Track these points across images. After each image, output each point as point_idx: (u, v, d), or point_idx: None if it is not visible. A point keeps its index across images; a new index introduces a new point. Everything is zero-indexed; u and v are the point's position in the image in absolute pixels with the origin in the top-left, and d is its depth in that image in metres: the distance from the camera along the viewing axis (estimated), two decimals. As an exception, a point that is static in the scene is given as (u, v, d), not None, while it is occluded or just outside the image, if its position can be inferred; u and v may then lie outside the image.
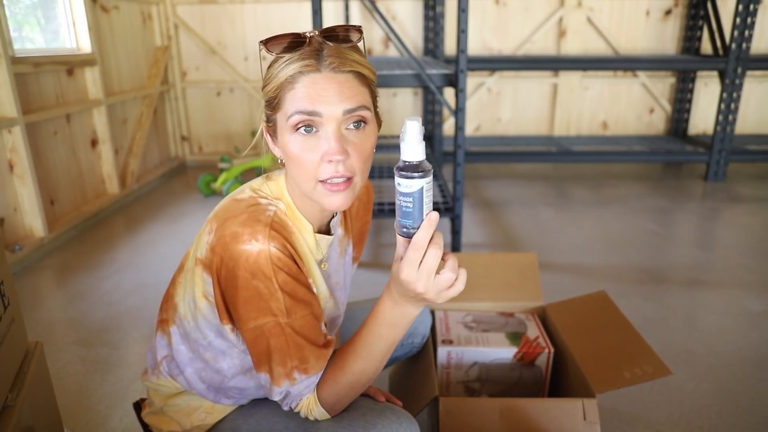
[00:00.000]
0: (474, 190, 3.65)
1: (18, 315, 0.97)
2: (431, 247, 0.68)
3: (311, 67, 0.71)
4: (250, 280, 0.73)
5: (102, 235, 2.86)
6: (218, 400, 0.91)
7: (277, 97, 0.74)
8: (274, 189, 0.82)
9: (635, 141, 4.21)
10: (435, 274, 0.69)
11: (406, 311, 0.75)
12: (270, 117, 0.77)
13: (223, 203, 0.80)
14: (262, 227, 0.73)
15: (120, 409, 1.49)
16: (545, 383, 1.37)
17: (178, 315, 0.87)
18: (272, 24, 4.10)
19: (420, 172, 0.65)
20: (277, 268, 0.73)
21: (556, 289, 2.12)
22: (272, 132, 0.78)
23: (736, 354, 1.73)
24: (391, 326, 0.76)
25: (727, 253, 2.54)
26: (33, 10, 2.85)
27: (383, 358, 0.79)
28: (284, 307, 0.74)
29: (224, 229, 0.74)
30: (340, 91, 0.71)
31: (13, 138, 2.38)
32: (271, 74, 0.74)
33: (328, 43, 0.72)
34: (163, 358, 0.91)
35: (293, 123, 0.72)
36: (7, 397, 0.86)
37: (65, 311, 2.06)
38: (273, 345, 0.75)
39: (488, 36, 4.19)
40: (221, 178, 3.43)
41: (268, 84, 0.75)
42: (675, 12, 4.15)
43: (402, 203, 0.68)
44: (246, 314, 0.75)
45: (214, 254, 0.75)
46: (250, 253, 0.72)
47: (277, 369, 0.76)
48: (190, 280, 0.82)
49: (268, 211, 0.76)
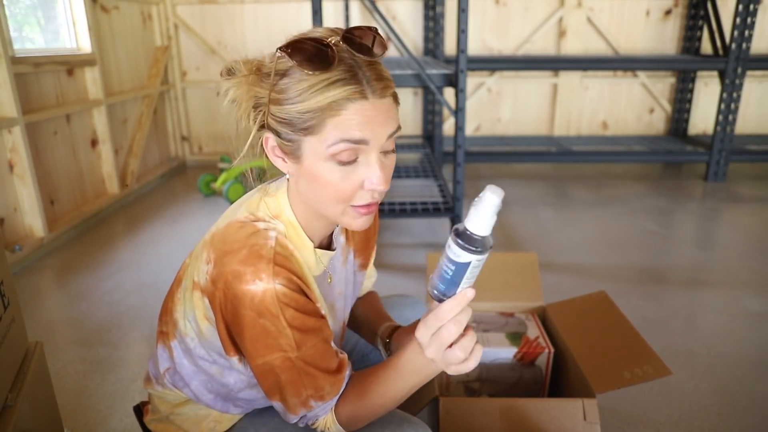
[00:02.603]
0: (474, 190, 3.63)
1: (18, 315, 0.97)
2: (452, 323, 0.65)
3: (359, 94, 0.66)
4: (256, 319, 0.70)
5: (102, 235, 2.86)
6: (226, 409, 0.89)
7: (313, 120, 0.67)
8: (273, 207, 0.78)
9: (635, 141, 4.21)
10: (447, 347, 0.67)
11: (431, 363, 0.72)
12: (290, 137, 0.70)
13: (220, 227, 0.76)
14: (264, 265, 0.70)
15: (120, 409, 1.49)
16: (545, 383, 1.37)
17: (178, 331, 0.84)
18: (272, 24, 4.10)
19: (477, 247, 0.61)
20: (284, 305, 0.70)
21: (556, 289, 2.12)
22: (288, 151, 0.72)
23: (735, 354, 1.73)
24: (414, 372, 0.74)
25: (727, 253, 2.54)
26: (33, 10, 2.85)
27: (404, 396, 0.77)
28: (294, 342, 0.72)
29: (224, 265, 0.71)
30: (386, 117, 0.69)
31: (13, 138, 2.38)
32: (300, 93, 0.67)
33: (359, 56, 0.68)
34: (166, 370, 0.88)
35: (335, 151, 0.68)
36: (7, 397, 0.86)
37: (65, 311, 2.05)
38: (285, 380, 0.73)
39: (488, 36, 4.19)
40: (221, 178, 3.43)
41: (296, 103, 0.67)
42: (675, 12, 4.15)
43: (444, 267, 0.64)
44: (254, 351, 0.72)
45: (215, 288, 0.72)
46: (255, 293, 0.69)
47: (292, 400, 0.75)
48: (189, 299, 0.79)
49: (269, 241, 0.72)
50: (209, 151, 4.42)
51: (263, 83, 0.71)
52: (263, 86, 0.70)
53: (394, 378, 0.75)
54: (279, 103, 0.69)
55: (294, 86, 0.67)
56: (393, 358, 0.76)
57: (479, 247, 0.61)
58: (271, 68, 0.70)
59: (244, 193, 3.28)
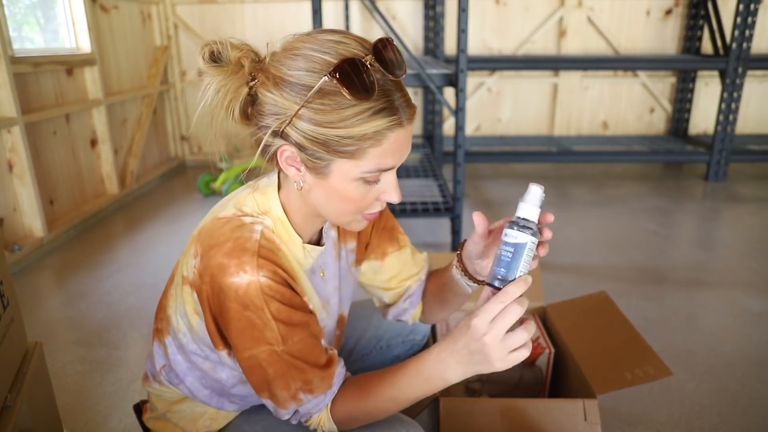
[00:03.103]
0: (474, 190, 3.64)
1: (17, 315, 0.97)
2: (516, 303, 0.66)
3: (397, 125, 0.68)
4: (242, 312, 0.70)
5: (101, 235, 2.86)
6: (221, 405, 0.89)
7: (353, 147, 0.67)
8: (261, 202, 0.78)
9: (635, 141, 4.20)
10: (506, 333, 0.66)
11: (446, 373, 0.71)
12: (319, 155, 0.69)
13: (207, 222, 0.77)
14: (249, 257, 0.70)
15: (120, 409, 1.49)
16: (546, 384, 1.36)
17: (171, 327, 0.85)
18: (272, 24, 4.10)
19: (531, 229, 0.70)
20: (268, 297, 0.70)
21: (556, 289, 2.12)
22: (312, 167, 0.71)
23: (736, 354, 1.72)
24: (426, 380, 0.73)
25: (728, 253, 2.54)
26: (32, 10, 2.85)
27: (408, 404, 0.77)
28: (279, 335, 0.72)
29: (209, 258, 0.71)
30: (410, 140, 0.73)
31: (13, 138, 2.38)
32: (343, 119, 0.66)
33: (389, 77, 0.68)
34: (162, 367, 0.89)
35: (368, 177, 0.70)
36: (7, 398, 0.86)
37: (65, 311, 2.05)
38: (272, 373, 0.73)
39: (488, 36, 4.19)
40: (221, 178, 3.43)
41: (338, 128, 0.66)
42: (675, 12, 4.15)
43: (502, 252, 0.70)
44: (240, 344, 0.73)
45: (202, 281, 0.73)
46: (239, 285, 0.69)
47: (282, 393, 0.75)
48: (180, 295, 0.80)
49: (254, 234, 0.73)
50: (209, 151, 4.41)
51: (285, 93, 0.68)
52: (287, 97, 0.67)
53: (403, 385, 0.75)
54: (313, 123, 0.67)
55: (336, 111, 0.66)
56: (404, 365, 0.76)
57: (533, 229, 0.70)
58: (283, 72, 0.68)
59: (244, 193, 3.17)
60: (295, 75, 0.67)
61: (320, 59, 0.66)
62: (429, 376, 0.73)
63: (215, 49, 0.70)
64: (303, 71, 0.67)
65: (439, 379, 0.72)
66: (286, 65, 0.68)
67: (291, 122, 0.68)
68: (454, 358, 0.71)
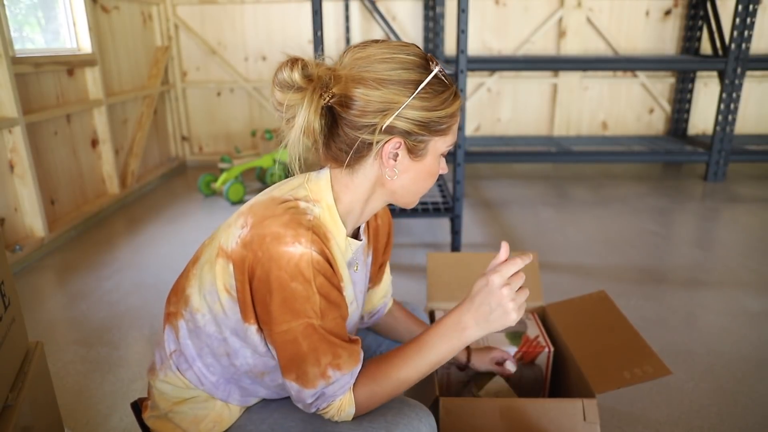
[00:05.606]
0: (474, 190, 3.65)
1: (18, 315, 0.97)
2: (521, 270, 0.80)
3: (460, 104, 0.84)
4: (288, 282, 0.73)
5: (102, 235, 2.87)
6: (227, 396, 0.89)
7: (446, 124, 0.80)
8: (314, 191, 0.82)
9: (635, 141, 4.21)
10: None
11: (465, 332, 0.80)
12: (421, 138, 0.80)
13: (261, 199, 0.81)
14: (304, 230, 0.74)
15: (120, 408, 1.49)
16: (545, 382, 1.37)
17: (189, 308, 0.85)
18: (272, 24, 4.11)
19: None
20: (316, 272, 0.74)
21: (556, 289, 2.13)
22: (414, 150, 0.81)
23: (735, 354, 1.73)
24: (446, 339, 0.81)
25: (727, 253, 2.54)
26: (33, 11, 2.85)
27: (428, 371, 0.82)
28: (319, 309, 0.75)
29: (263, 227, 0.74)
30: None
31: (14, 138, 2.39)
32: (443, 102, 0.79)
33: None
34: (172, 352, 0.89)
35: (448, 150, 0.85)
36: (8, 397, 0.86)
37: (65, 311, 2.06)
38: (305, 347, 0.75)
39: (488, 36, 4.20)
40: (221, 178, 3.44)
41: (440, 110, 0.79)
42: (675, 12, 4.16)
43: None
44: (280, 316, 0.74)
45: (247, 251, 0.75)
46: (292, 255, 0.72)
47: (312, 370, 0.76)
48: (209, 271, 0.81)
49: (309, 215, 0.77)
50: (209, 151, 4.43)
51: (390, 90, 0.76)
52: (394, 92, 0.76)
53: (426, 349, 0.82)
54: (422, 109, 0.78)
55: (437, 96, 0.79)
56: (423, 333, 0.83)
57: None
58: (385, 76, 0.77)
59: (245, 193, 3.28)
60: (395, 74, 0.77)
61: (408, 59, 0.78)
62: (449, 334, 0.81)
63: (307, 64, 0.74)
64: (400, 69, 0.77)
65: (458, 337, 0.81)
66: (380, 68, 0.77)
67: (398, 114, 0.77)
68: (472, 316, 0.80)
